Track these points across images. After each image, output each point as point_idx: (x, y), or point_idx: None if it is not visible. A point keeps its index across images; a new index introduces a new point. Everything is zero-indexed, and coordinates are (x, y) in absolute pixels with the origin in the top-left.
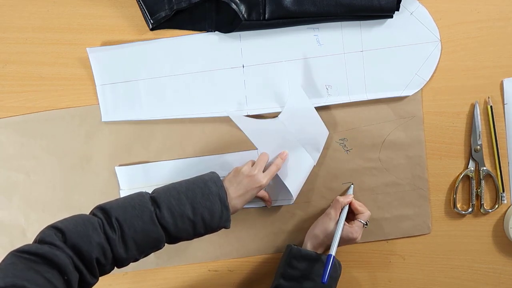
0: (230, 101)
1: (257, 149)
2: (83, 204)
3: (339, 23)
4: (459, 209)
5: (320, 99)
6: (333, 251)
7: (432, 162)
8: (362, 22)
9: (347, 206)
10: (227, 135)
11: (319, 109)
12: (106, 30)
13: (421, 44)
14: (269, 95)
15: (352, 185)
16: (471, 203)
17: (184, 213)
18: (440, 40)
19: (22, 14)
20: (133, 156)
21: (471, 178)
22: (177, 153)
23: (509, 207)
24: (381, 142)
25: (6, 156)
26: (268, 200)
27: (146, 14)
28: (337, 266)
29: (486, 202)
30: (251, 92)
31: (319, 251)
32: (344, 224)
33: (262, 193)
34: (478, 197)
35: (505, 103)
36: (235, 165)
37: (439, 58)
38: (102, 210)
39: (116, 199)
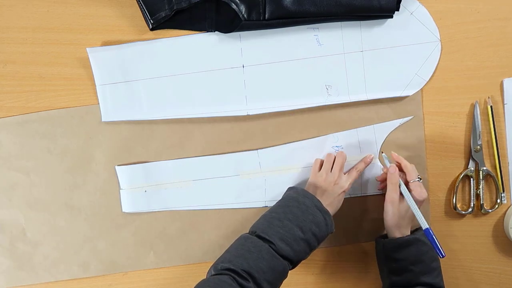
0: (230, 101)
1: (257, 149)
2: (83, 204)
3: (339, 23)
4: (459, 209)
5: (320, 99)
6: (425, 224)
7: (432, 162)
8: (362, 22)
9: (400, 180)
10: (227, 135)
11: (319, 109)
12: (106, 30)
13: (421, 44)
14: (269, 95)
15: (384, 154)
16: (471, 203)
17: (296, 237)
18: (440, 40)
19: (22, 14)
20: (133, 156)
21: (471, 178)
22: (177, 153)
23: (509, 207)
24: (381, 142)
25: (6, 156)
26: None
27: (146, 14)
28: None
29: (486, 202)
30: (251, 92)
31: (407, 234)
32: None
33: (360, 166)
34: (478, 197)
35: (505, 103)
36: (234, 166)
37: (439, 58)
38: (225, 267)
39: (227, 253)
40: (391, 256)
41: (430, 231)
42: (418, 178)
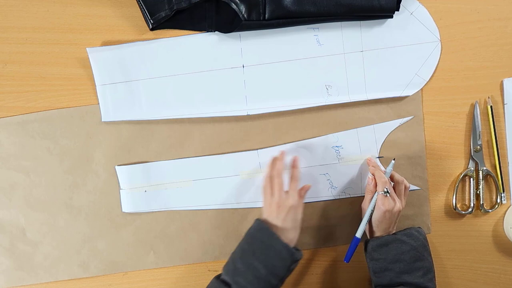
0: (230, 101)
1: (257, 149)
2: (83, 204)
3: (339, 23)
4: (459, 209)
5: (320, 99)
6: (359, 232)
7: (432, 162)
8: (362, 22)
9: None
10: (227, 135)
11: (319, 109)
12: (106, 30)
13: (421, 44)
14: (269, 95)
15: (393, 161)
16: (471, 203)
17: (257, 275)
18: (440, 40)
19: (22, 14)
20: (133, 156)
21: (471, 178)
22: (177, 153)
23: (509, 207)
24: (381, 142)
25: (6, 156)
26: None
27: (146, 14)
28: (415, 235)
29: (486, 202)
30: (251, 92)
31: (392, 231)
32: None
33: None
34: (478, 197)
35: (505, 103)
36: (234, 166)
37: (439, 58)
38: None
39: None
40: (372, 256)
41: (357, 240)
42: (383, 191)
